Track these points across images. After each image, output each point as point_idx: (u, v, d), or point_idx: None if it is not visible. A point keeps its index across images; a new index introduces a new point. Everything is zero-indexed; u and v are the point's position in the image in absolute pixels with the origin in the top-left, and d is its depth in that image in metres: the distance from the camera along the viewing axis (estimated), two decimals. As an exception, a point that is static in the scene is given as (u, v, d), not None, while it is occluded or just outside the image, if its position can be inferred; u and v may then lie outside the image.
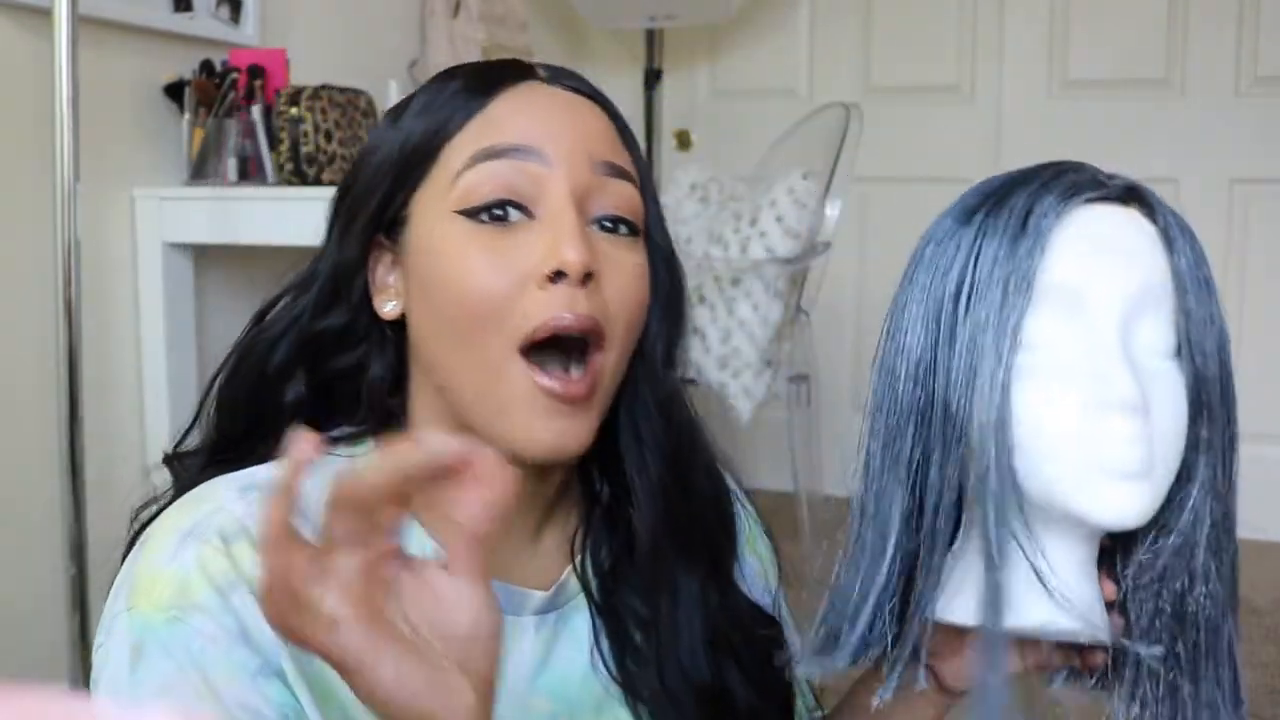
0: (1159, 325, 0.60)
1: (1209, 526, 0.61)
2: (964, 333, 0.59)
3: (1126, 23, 3.12)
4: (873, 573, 0.63)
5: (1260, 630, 2.44)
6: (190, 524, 0.68)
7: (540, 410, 0.69)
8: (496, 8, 3.06)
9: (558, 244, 0.68)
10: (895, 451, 0.62)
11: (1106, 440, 0.58)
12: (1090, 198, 0.62)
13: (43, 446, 1.81)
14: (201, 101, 2.08)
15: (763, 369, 2.63)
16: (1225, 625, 0.62)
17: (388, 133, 0.75)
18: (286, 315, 0.76)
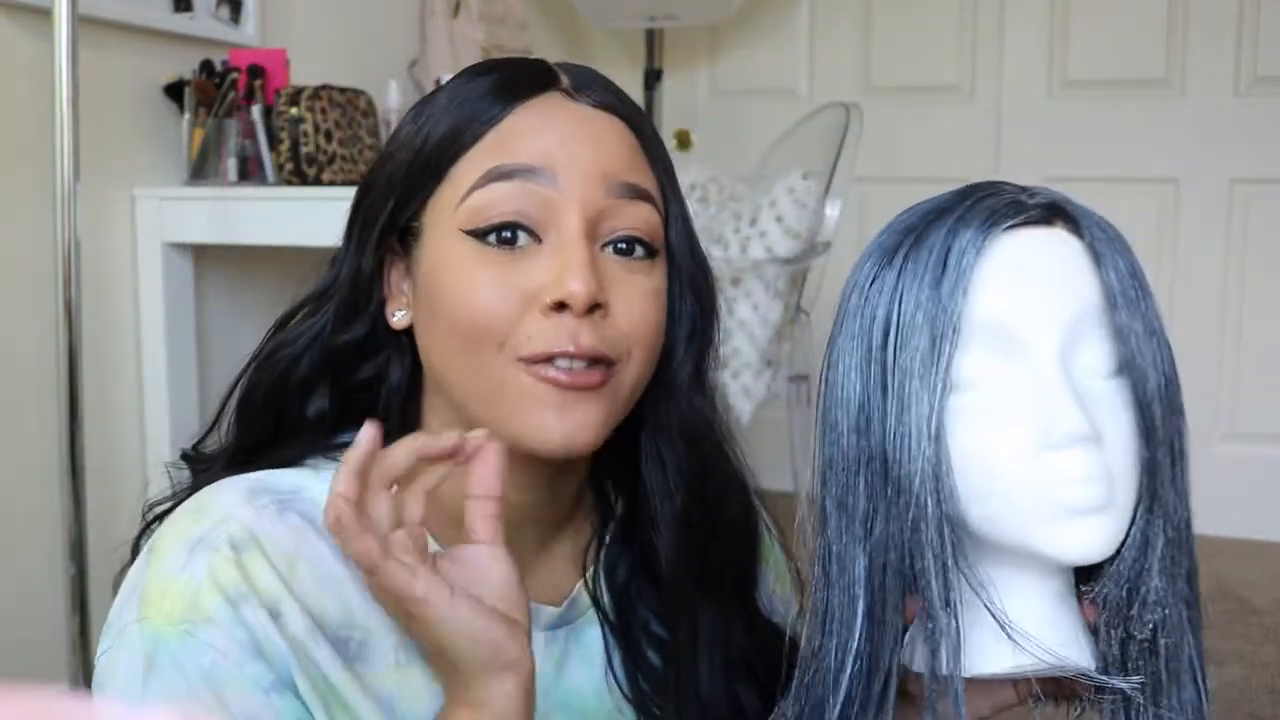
0: (1097, 346, 0.58)
1: (1161, 547, 0.58)
2: (894, 380, 0.58)
3: (1126, 23, 3.11)
4: (846, 639, 0.61)
5: (1260, 630, 2.44)
6: (200, 532, 0.68)
7: (550, 404, 0.67)
8: (496, 8, 3.06)
9: (564, 274, 0.66)
10: (849, 509, 0.60)
11: (1060, 479, 0.56)
12: (1010, 224, 0.59)
13: (43, 446, 1.81)
14: (201, 101, 2.08)
15: (763, 369, 2.63)
16: (1185, 647, 0.60)
17: (409, 132, 0.73)
18: (308, 329, 0.74)
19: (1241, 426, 3.02)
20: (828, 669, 0.61)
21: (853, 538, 0.60)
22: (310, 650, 0.67)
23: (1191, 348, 3.06)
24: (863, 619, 0.60)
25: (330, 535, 0.68)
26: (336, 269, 0.75)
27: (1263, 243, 3.04)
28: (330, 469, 0.73)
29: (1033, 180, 2.60)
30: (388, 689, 0.69)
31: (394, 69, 2.70)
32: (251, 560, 0.67)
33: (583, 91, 0.72)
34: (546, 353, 0.67)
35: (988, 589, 0.59)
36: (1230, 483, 2.94)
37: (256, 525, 0.68)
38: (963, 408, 0.58)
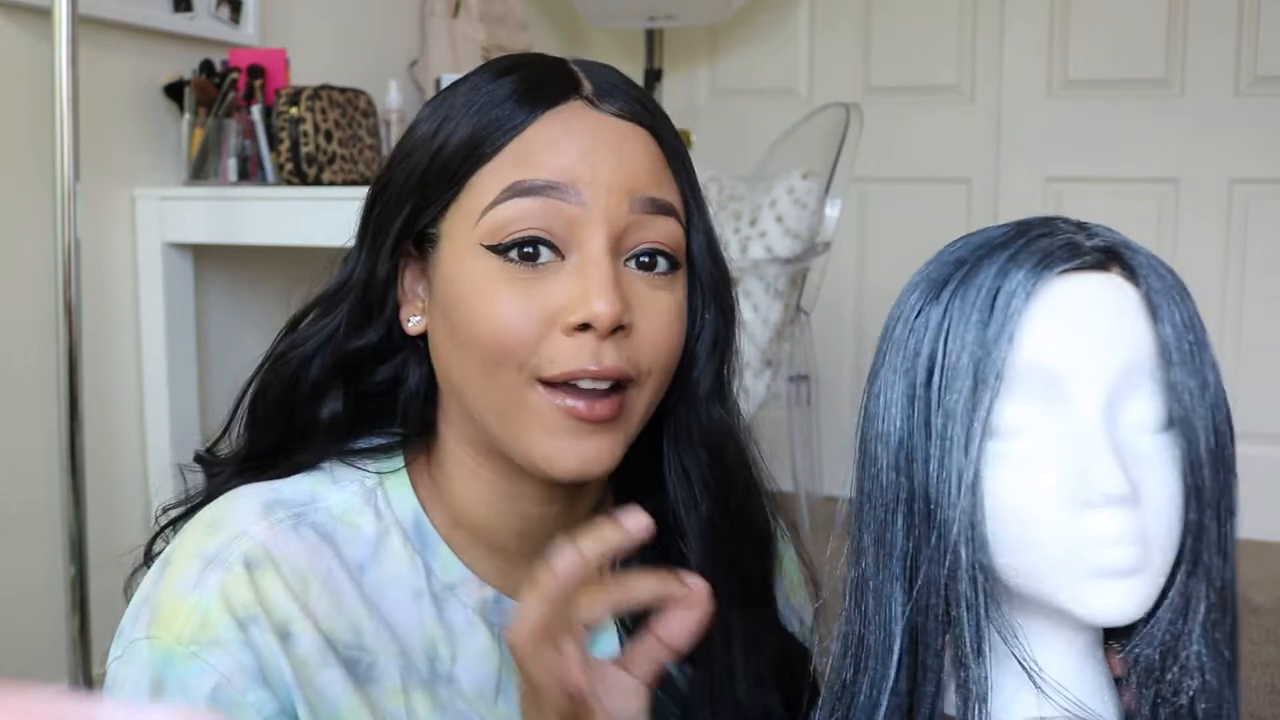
0: (1147, 400, 0.56)
1: (1204, 612, 0.57)
2: (938, 421, 0.56)
3: (1126, 23, 3.11)
4: (881, 676, 0.59)
5: (1260, 630, 2.44)
6: (214, 548, 0.67)
7: (564, 431, 0.67)
8: (496, 8, 3.06)
9: (588, 295, 0.65)
10: (888, 545, 0.59)
11: (1093, 539, 0.55)
12: (1064, 268, 0.57)
13: (43, 446, 1.81)
14: (201, 101, 2.08)
15: (763, 369, 2.63)
16: (1224, 711, 0.59)
17: (425, 132, 0.71)
18: (320, 331, 0.73)
19: (1242, 426, 3.00)
20: (861, 705, 0.60)
21: (890, 575, 0.59)
22: (318, 673, 0.67)
23: (1191, 348, 3.05)
24: (899, 657, 0.59)
25: (344, 550, 0.69)
26: (349, 270, 0.73)
27: (1263, 243, 3.04)
28: (347, 475, 0.72)
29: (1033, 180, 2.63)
30: (394, 710, 0.69)
31: (394, 69, 2.70)
32: (264, 579, 0.66)
33: (605, 99, 0.70)
34: (569, 374, 0.66)
35: (1018, 638, 0.58)
36: (1230, 483, 2.94)
37: (271, 542, 0.68)
38: (1003, 455, 0.56)
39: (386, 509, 0.72)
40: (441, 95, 0.72)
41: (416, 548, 0.72)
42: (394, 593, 0.71)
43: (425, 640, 0.71)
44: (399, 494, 0.73)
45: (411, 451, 0.75)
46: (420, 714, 0.69)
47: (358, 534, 0.71)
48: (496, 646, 0.72)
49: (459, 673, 0.71)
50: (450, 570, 0.73)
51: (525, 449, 0.68)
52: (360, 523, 0.71)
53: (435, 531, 0.73)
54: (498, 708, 0.72)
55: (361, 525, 0.71)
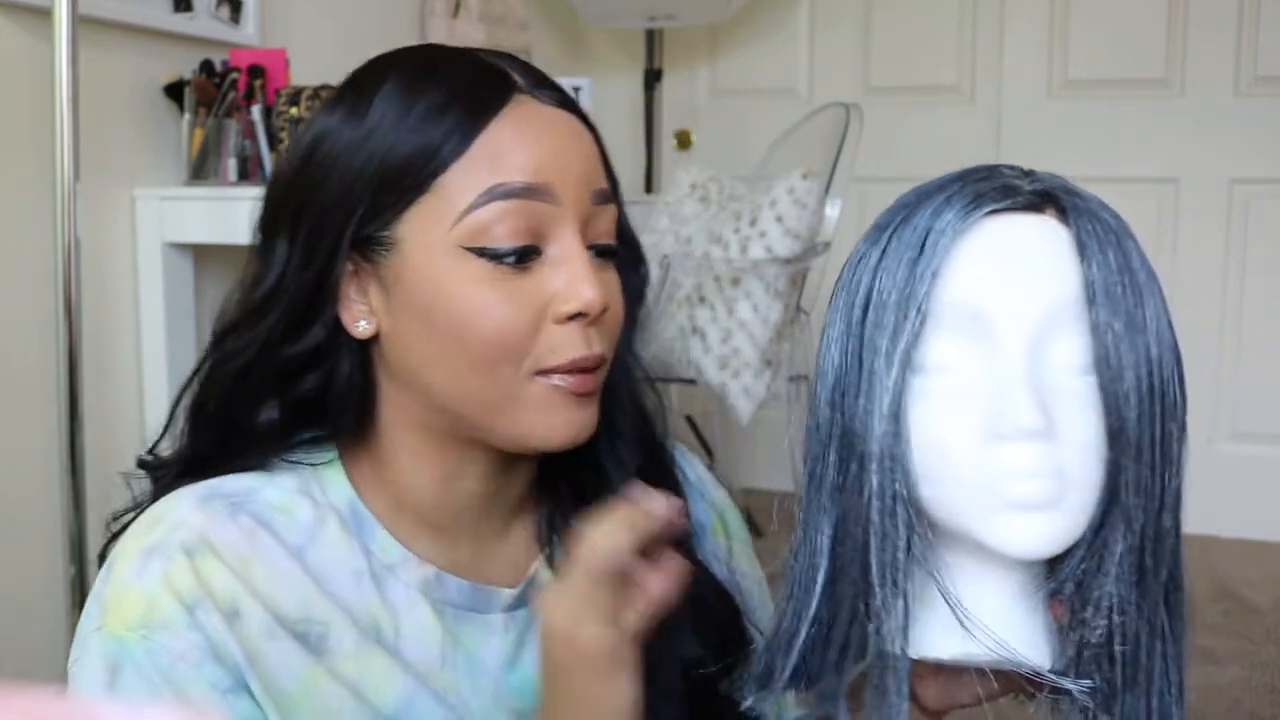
0: (1074, 340, 0.57)
1: (1120, 552, 0.57)
2: (866, 356, 0.58)
3: (1126, 23, 3.12)
4: (804, 604, 0.61)
5: (1260, 630, 2.44)
6: (154, 540, 0.70)
7: (558, 407, 0.71)
8: (496, 8, 3.06)
9: (576, 285, 0.69)
10: (818, 478, 0.61)
11: (1006, 472, 0.56)
12: (995, 209, 0.58)
13: (43, 446, 1.81)
14: (201, 101, 2.08)
15: (763, 369, 2.63)
16: (1146, 659, 0.59)
17: (353, 138, 0.71)
18: (254, 340, 0.73)
19: (1241, 426, 3.02)
20: (785, 632, 0.62)
21: (819, 507, 0.61)
22: (269, 648, 0.69)
23: (1191, 347, 3.04)
24: (822, 587, 0.61)
25: (282, 535, 0.72)
26: (278, 276, 0.73)
27: (1263, 243, 3.04)
28: (282, 469, 0.75)
29: (1033, 180, 2.50)
30: (354, 675, 0.71)
31: (394, 69, 2.70)
32: (205, 564, 0.69)
33: (539, 90, 0.73)
34: (570, 362, 0.70)
35: (943, 574, 0.59)
36: (1230, 483, 2.94)
37: (208, 529, 0.70)
38: (927, 390, 0.58)
39: (322, 497, 0.75)
40: (354, 95, 0.73)
41: (353, 531, 0.75)
42: (335, 573, 0.73)
43: (369, 617, 0.73)
44: (333, 483, 0.76)
45: (344, 443, 0.77)
46: (378, 677, 0.72)
47: (295, 520, 0.73)
48: (439, 621, 0.75)
49: (402, 646, 0.74)
50: (389, 551, 0.75)
51: (521, 432, 0.71)
52: (297, 511, 0.74)
53: (371, 515, 0.75)
54: (444, 675, 0.74)
55: (298, 513, 0.74)
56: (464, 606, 0.76)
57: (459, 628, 0.76)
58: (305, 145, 0.73)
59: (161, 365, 2.05)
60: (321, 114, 0.74)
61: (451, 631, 0.75)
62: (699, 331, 2.63)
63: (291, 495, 0.74)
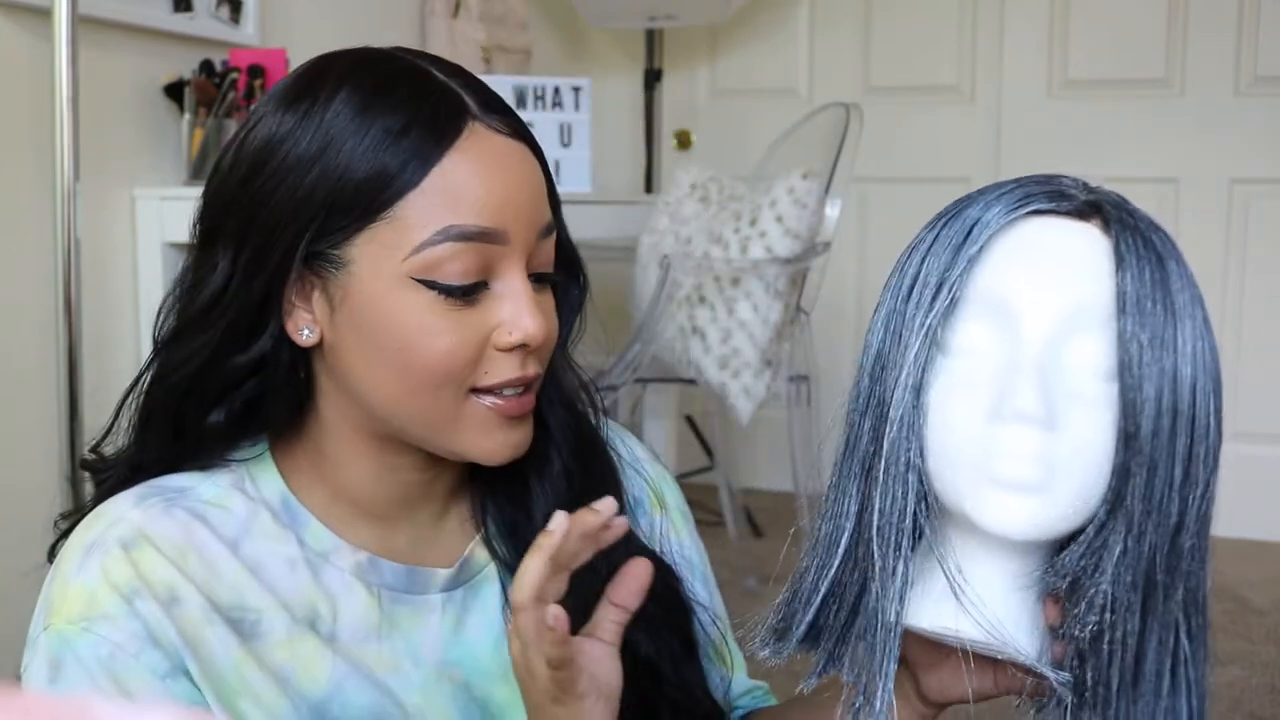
0: (1097, 345, 0.59)
1: (1118, 556, 0.59)
2: (905, 334, 0.62)
3: (1126, 23, 3.12)
4: (826, 565, 0.65)
5: (1260, 630, 2.44)
6: (93, 537, 0.73)
7: (494, 430, 0.74)
8: (496, 8, 3.06)
9: (519, 318, 0.72)
10: (851, 445, 0.64)
11: (999, 450, 0.59)
12: (1041, 209, 0.61)
13: (43, 446, 1.81)
14: (201, 101, 2.08)
15: (763, 369, 2.63)
16: (1154, 664, 0.60)
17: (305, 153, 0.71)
18: (200, 349, 0.74)
19: (1242, 426, 3.02)
20: (805, 590, 0.66)
21: (849, 473, 0.64)
22: (206, 633, 0.72)
23: (1191, 348, 3.05)
24: (845, 550, 0.64)
25: (217, 528, 0.75)
26: (221, 284, 0.73)
27: (1263, 243, 3.04)
28: (219, 469, 0.78)
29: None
30: (282, 662, 0.74)
31: (394, 69, 2.70)
32: (142, 556, 0.72)
33: (491, 116, 0.73)
34: (502, 383, 0.73)
35: (947, 548, 0.62)
36: (1230, 483, 2.91)
37: (145, 523, 0.73)
38: (949, 370, 0.61)
39: (254, 491, 0.78)
40: (304, 103, 0.72)
41: (286, 523, 0.77)
42: (269, 562, 0.76)
43: (305, 604, 0.76)
44: (265, 477, 0.78)
45: (275, 437, 0.79)
46: (308, 661, 0.75)
47: (229, 514, 0.76)
48: (375, 602, 0.78)
49: (340, 629, 0.77)
50: (321, 539, 0.78)
51: (460, 450, 0.75)
52: (230, 505, 0.76)
53: (304, 508, 0.78)
54: (382, 652, 0.77)
55: (232, 507, 0.76)
56: (399, 589, 0.79)
57: (396, 609, 0.78)
58: (253, 151, 0.73)
59: (161, 365, 2.05)
60: (269, 116, 0.73)
61: (388, 612, 0.78)
62: (699, 331, 2.63)
63: (225, 491, 0.77)
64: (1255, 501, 2.98)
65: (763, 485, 3.30)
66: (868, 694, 0.63)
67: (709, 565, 0.92)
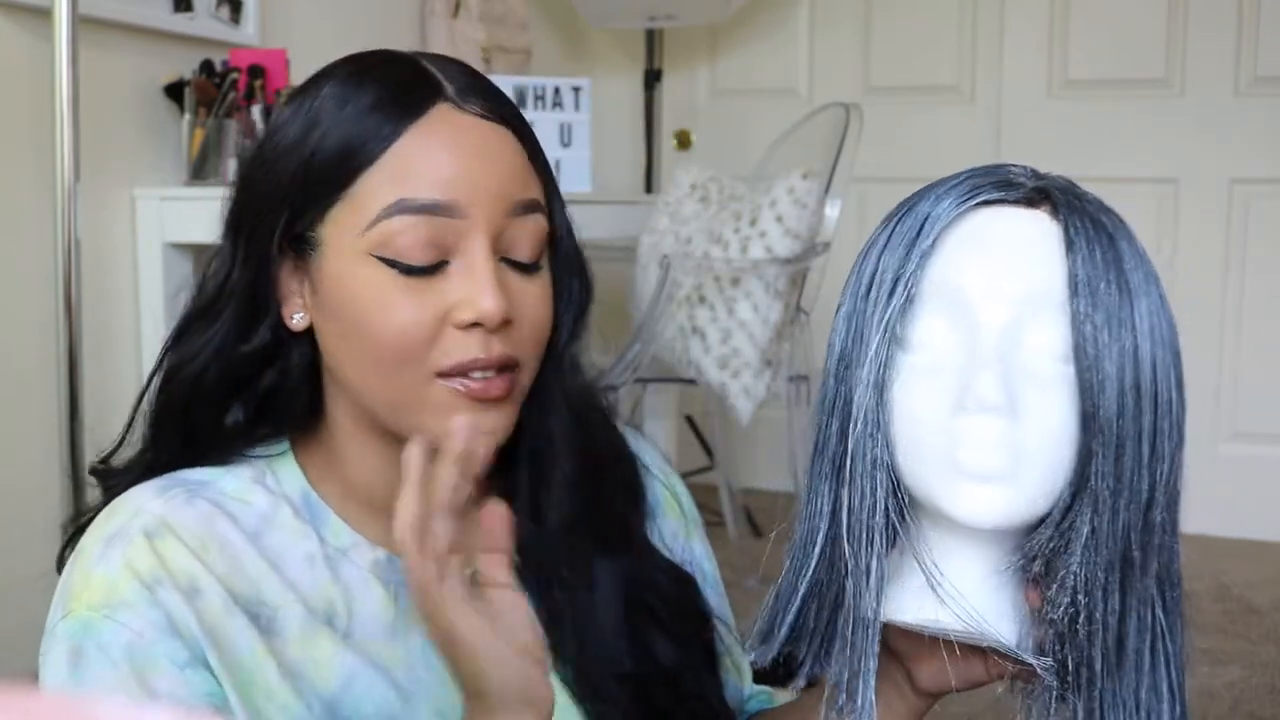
0: (1053, 328, 0.60)
1: (1086, 537, 0.59)
2: (865, 331, 0.62)
3: (1126, 23, 3.12)
4: (803, 566, 0.65)
5: (1260, 630, 2.44)
6: (115, 528, 0.73)
7: (463, 410, 0.72)
8: (496, 8, 3.06)
9: (476, 295, 0.70)
10: (820, 445, 0.64)
11: (964, 441, 0.59)
12: (988, 200, 0.62)
13: (43, 446, 1.81)
14: (201, 101, 2.08)
15: (763, 369, 2.63)
16: (1135, 642, 0.60)
17: (292, 136, 0.73)
18: (209, 342, 0.76)
19: (1242, 426, 3.02)
20: (785, 590, 0.66)
21: (821, 475, 0.64)
22: (227, 624, 0.72)
23: (1191, 348, 3.04)
24: (820, 550, 0.64)
25: (238, 520, 0.75)
26: (225, 275, 0.76)
27: (1263, 243, 3.04)
28: (240, 464, 0.78)
29: (1033, 180, 2.49)
30: (297, 659, 0.74)
31: (394, 69, 2.70)
32: (165, 545, 0.72)
33: (468, 99, 0.73)
34: (463, 364, 0.71)
35: (921, 543, 0.62)
36: (1230, 483, 2.94)
37: (167, 513, 0.73)
38: (910, 365, 0.61)
39: (276, 487, 0.78)
40: (301, 96, 0.75)
41: (306, 519, 0.77)
42: (289, 556, 0.76)
43: (322, 599, 0.76)
44: (286, 473, 0.78)
45: (296, 435, 0.80)
46: (321, 658, 0.75)
47: (250, 508, 0.76)
48: (393, 601, 0.78)
49: (356, 626, 0.76)
50: (340, 536, 0.78)
51: (427, 434, 0.72)
52: (251, 499, 0.77)
53: (324, 503, 0.78)
54: (396, 652, 0.77)
55: (253, 501, 0.76)
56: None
57: (411, 608, 0.77)
58: (257, 144, 0.77)
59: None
60: (276, 114, 0.77)
61: (405, 611, 0.77)
62: (699, 331, 2.63)
63: (246, 484, 0.77)
64: (1255, 501, 2.98)
65: (763, 485, 3.30)
66: (850, 691, 0.63)
67: (718, 570, 0.92)
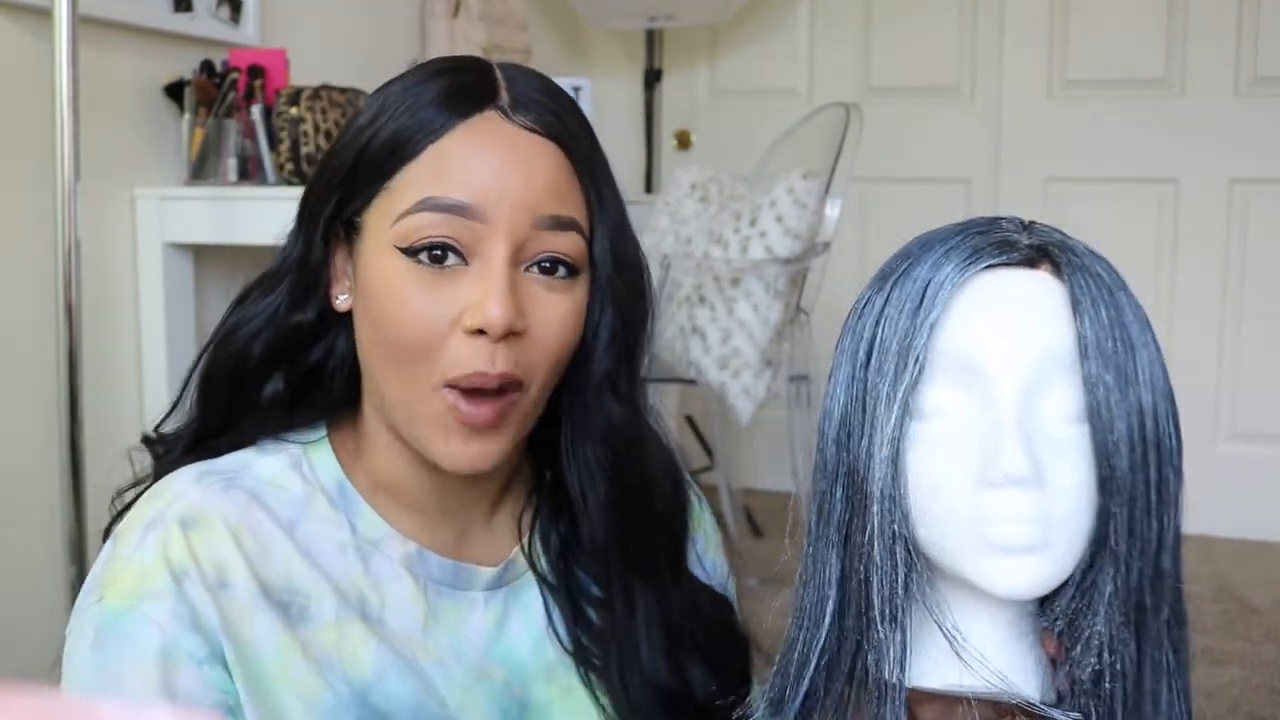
0: (1065, 391, 0.60)
1: (1109, 594, 0.60)
2: (870, 400, 0.62)
3: (1126, 23, 3.11)
4: (813, 636, 0.64)
5: (1260, 630, 2.44)
6: (152, 515, 0.74)
7: (455, 432, 0.73)
8: (496, 8, 3.06)
9: (485, 300, 0.71)
10: (826, 514, 0.64)
11: (993, 516, 0.59)
12: (993, 263, 0.61)
13: (43, 446, 1.81)
14: (201, 101, 2.08)
15: (763, 369, 2.63)
16: (1151, 683, 0.61)
17: (359, 126, 0.76)
18: (264, 309, 0.79)
19: (1242, 426, 3.02)
20: (793, 662, 0.65)
21: (827, 542, 0.64)
22: (251, 618, 0.73)
23: (1191, 348, 3.06)
24: (830, 619, 0.63)
25: (273, 508, 0.76)
26: (287, 250, 0.80)
27: (1263, 243, 3.04)
28: (274, 447, 0.79)
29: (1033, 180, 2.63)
30: (329, 647, 0.75)
31: (394, 69, 2.69)
32: (197, 535, 0.73)
33: (519, 111, 0.74)
34: (468, 376, 0.71)
35: (942, 608, 0.62)
36: (1230, 483, 2.94)
37: (204, 501, 0.74)
38: (924, 435, 0.60)
39: (311, 475, 0.79)
40: (383, 88, 0.78)
41: (340, 507, 0.78)
42: (322, 546, 0.77)
43: (354, 589, 0.77)
44: (322, 461, 0.79)
45: (334, 422, 0.81)
46: (354, 645, 0.76)
47: (286, 494, 0.77)
48: (421, 594, 0.79)
49: (387, 617, 0.77)
50: (373, 528, 0.79)
51: (423, 443, 0.74)
52: (288, 485, 0.78)
53: (358, 493, 0.79)
54: (425, 644, 0.78)
55: (289, 487, 0.78)
56: (445, 583, 0.80)
57: (440, 602, 0.79)
58: (344, 128, 0.80)
59: (161, 365, 2.05)
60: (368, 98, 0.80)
61: (433, 605, 0.79)
62: (699, 331, 2.63)
63: (284, 470, 0.78)
64: (1255, 501, 2.98)
65: (763, 485, 3.30)
66: None
67: (733, 583, 0.92)
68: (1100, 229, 2.48)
